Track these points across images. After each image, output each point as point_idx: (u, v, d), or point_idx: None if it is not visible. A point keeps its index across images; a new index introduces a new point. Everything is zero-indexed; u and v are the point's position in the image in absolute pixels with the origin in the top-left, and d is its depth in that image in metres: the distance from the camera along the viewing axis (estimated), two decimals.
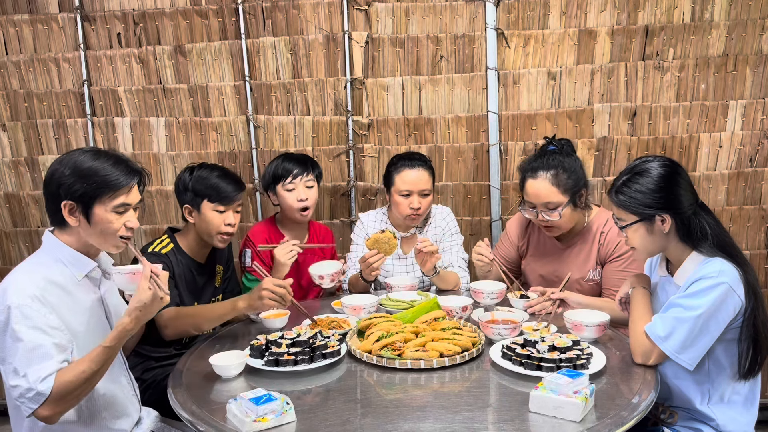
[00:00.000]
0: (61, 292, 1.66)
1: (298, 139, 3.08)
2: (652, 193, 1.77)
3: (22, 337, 1.56)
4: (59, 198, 1.66)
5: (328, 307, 2.37)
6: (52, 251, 1.71)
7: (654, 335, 1.74)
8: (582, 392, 1.50)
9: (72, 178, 1.65)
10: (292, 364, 1.76)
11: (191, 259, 2.38)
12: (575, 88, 2.96)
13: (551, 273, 2.43)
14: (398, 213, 2.60)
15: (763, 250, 2.98)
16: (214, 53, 3.04)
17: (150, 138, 3.11)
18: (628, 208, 1.81)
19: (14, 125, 3.11)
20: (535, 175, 2.27)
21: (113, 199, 1.69)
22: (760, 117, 2.90)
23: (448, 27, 2.99)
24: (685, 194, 1.79)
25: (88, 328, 1.73)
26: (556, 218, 2.25)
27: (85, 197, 1.66)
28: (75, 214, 1.68)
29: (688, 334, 1.70)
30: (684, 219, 1.78)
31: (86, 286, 1.75)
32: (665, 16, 2.90)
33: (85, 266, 1.74)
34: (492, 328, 1.93)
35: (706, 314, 1.69)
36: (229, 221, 2.34)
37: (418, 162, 2.59)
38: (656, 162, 1.81)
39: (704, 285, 1.71)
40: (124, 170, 1.71)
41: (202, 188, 2.31)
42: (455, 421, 1.49)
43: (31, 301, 1.58)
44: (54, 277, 1.66)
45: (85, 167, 1.67)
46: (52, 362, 1.57)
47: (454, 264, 2.63)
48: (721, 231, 1.81)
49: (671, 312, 1.74)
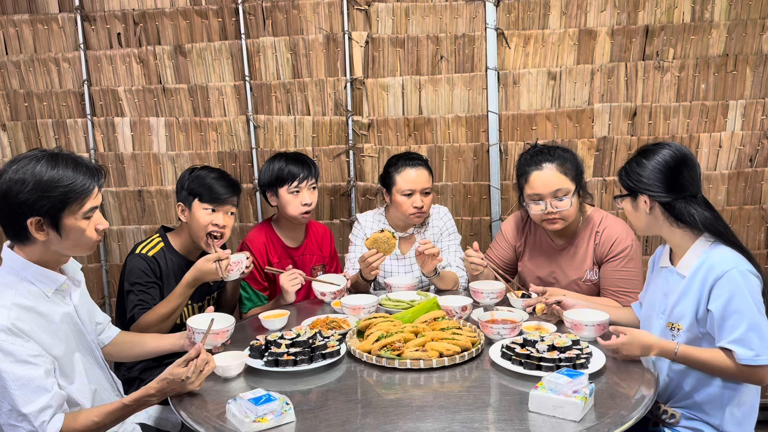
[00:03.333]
0: (34, 316, 1.59)
1: (298, 139, 3.08)
2: (644, 173, 1.85)
3: (10, 374, 1.51)
4: (23, 215, 1.55)
5: (328, 307, 2.38)
6: (16, 270, 1.62)
7: (748, 359, 1.70)
8: (581, 392, 1.50)
9: (35, 193, 1.54)
10: (291, 364, 1.76)
11: (182, 258, 2.38)
12: (575, 88, 2.96)
13: (548, 274, 2.43)
14: (401, 213, 2.60)
15: (763, 250, 2.97)
16: (214, 53, 3.04)
17: (150, 138, 3.11)
18: (622, 180, 1.92)
19: (14, 125, 3.11)
20: (540, 166, 2.27)
21: (82, 206, 1.60)
22: (760, 117, 2.90)
23: (448, 27, 2.99)
24: (679, 183, 1.81)
25: (67, 344, 1.69)
26: (566, 206, 2.24)
27: (53, 210, 1.56)
28: (43, 228, 1.58)
29: (765, 331, 1.70)
30: (669, 204, 1.82)
31: (56, 300, 1.68)
32: (665, 16, 2.90)
33: (54, 282, 1.66)
34: (491, 327, 1.93)
35: (754, 302, 1.70)
36: (217, 222, 2.32)
37: (418, 161, 2.60)
38: (665, 148, 1.86)
39: (728, 282, 1.71)
40: (85, 174, 1.61)
41: (196, 187, 2.32)
42: (455, 421, 1.49)
43: (5, 335, 1.51)
44: (23, 300, 1.58)
45: (47, 178, 1.55)
46: (48, 395, 1.55)
47: (452, 264, 2.63)
48: (716, 221, 1.81)
49: (738, 330, 1.71)
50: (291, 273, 2.40)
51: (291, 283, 2.38)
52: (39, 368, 1.55)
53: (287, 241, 2.67)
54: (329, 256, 2.78)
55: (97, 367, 1.84)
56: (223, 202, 2.33)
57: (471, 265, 2.36)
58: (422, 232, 2.69)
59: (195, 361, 1.64)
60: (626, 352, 1.77)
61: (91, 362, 1.80)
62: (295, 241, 2.69)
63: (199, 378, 1.64)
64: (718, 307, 1.72)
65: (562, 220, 2.28)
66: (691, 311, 1.79)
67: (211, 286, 2.46)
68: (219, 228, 2.33)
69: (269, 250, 2.62)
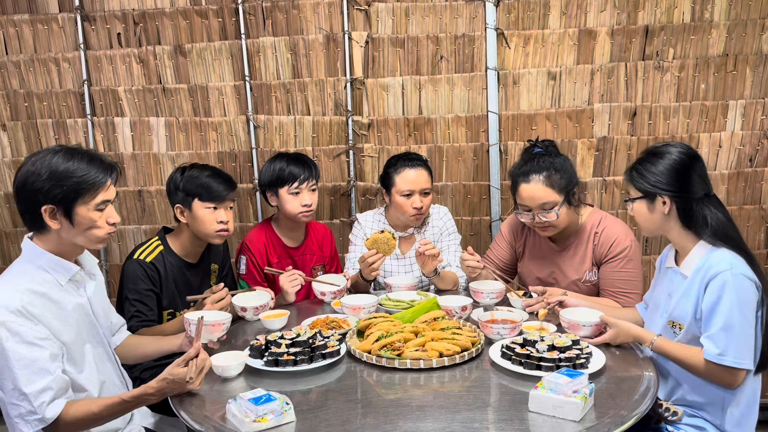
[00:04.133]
0: (45, 301, 1.65)
1: (298, 139, 3.08)
2: (660, 174, 1.85)
3: (15, 354, 1.56)
4: (38, 203, 1.64)
5: (328, 307, 2.38)
6: (33, 259, 1.70)
7: (711, 356, 1.73)
8: (581, 392, 1.50)
9: (50, 182, 1.63)
10: (291, 364, 1.76)
11: (183, 260, 2.38)
12: (575, 88, 2.96)
13: (548, 275, 2.43)
14: (401, 213, 2.60)
15: (763, 250, 2.98)
16: (214, 53, 3.04)
17: (150, 138, 3.11)
18: (636, 183, 1.90)
19: (14, 125, 3.11)
20: (527, 179, 2.27)
21: (94, 197, 1.67)
22: (760, 117, 2.90)
23: (448, 27, 2.99)
24: (692, 183, 1.83)
25: (78, 333, 1.73)
26: (553, 218, 2.25)
27: (66, 199, 1.64)
28: (56, 216, 1.66)
29: (739, 336, 1.71)
30: (686, 205, 1.83)
31: (70, 290, 1.74)
32: (665, 16, 2.90)
33: (68, 271, 1.72)
34: (491, 327, 1.93)
35: (738, 305, 1.71)
36: (221, 219, 2.33)
37: (418, 162, 2.60)
38: (675, 148, 1.88)
39: (719, 283, 1.73)
40: (100, 167, 1.69)
41: (193, 187, 2.31)
42: (455, 421, 1.49)
43: (15, 317, 1.57)
44: (36, 286, 1.65)
45: (62, 169, 1.64)
46: (50, 378, 1.58)
47: (452, 263, 2.63)
48: (727, 224, 1.83)
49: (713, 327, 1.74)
50: (290, 274, 2.40)
51: (291, 284, 2.38)
52: (44, 351, 1.59)
53: (287, 241, 2.67)
54: (329, 256, 2.79)
55: (108, 361, 1.86)
56: (223, 199, 2.34)
57: (468, 269, 2.37)
58: (422, 232, 2.69)
59: (195, 360, 1.64)
60: (616, 343, 1.91)
61: (101, 355, 1.83)
62: (295, 241, 2.69)
63: (199, 377, 1.65)
64: (707, 304, 1.75)
65: (552, 228, 2.30)
66: (690, 311, 1.81)
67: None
68: (224, 224, 2.33)
69: (269, 250, 2.62)
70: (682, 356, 1.81)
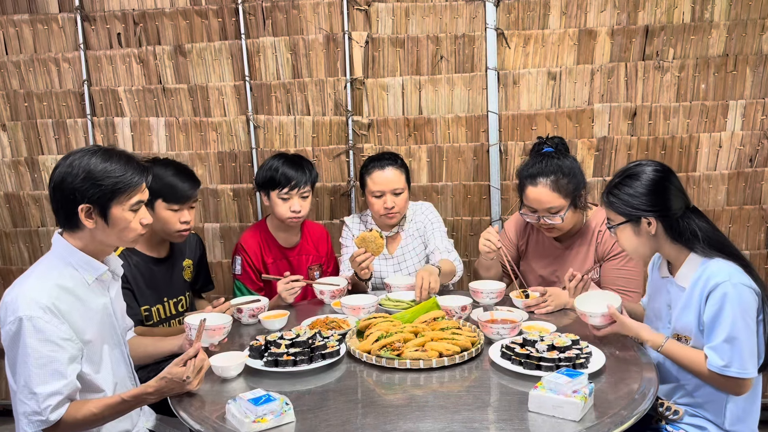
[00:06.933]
0: (72, 298, 1.67)
1: (298, 139, 3.08)
2: (640, 195, 1.81)
3: (34, 351, 1.57)
4: (75, 202, 1.65)
5: (327, 307, 2.38)
6: (64, 255, 1.71)
7: (716, 368, 1.72)
8: (581, 391, 1.50)
9: (87, 181, 1.65)
10: (291, 364, 1.76)
11: (147, 256, 2.31)
12: (575, 88, 2.96)
13: (551, 273, 2.43)
14: (373, 213, 2.63)
15: (763, 250, 2.97)
16: (214, 53, 3.04)
17: (150, 138, 3.11)
18: (616, 208, 1.85)
19: (14, 125, 3.11)
20: (534, 182, 2.26)
21: (130, 198, 1.69)
22: (760, 117, 2.90)
23: (448, 27, 2.99)
24: (674, 198, 1.81)
25: (100, 333, 1.74)
26: (558, 222, 2.25)
27: (102, 199, 1.66)
28: (92, 216, 1.67)
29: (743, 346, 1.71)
30: (671, 222, 1.81)
31: (96, 290, 1.75)
32: (665, 16, 2.90)
33: (96, 270, 1.73)
34: (491, 327, 1.93)
35: (741, 315, 1.70)
36: (184, 219, 2.26)
37: (388, 162, 2.59)
38: (648, 166, 1.85)
39: (719, 294, 1.72)
40: (135, 169, 1.71)
41: (157, 187, 2.16)
42: (455, 421, 1.49)
43: (42, 313, 1.58)
44: (65, 282, 1.66)
45: (99, 169, 1.66)
46: (63, 382, 1.59)
47: (439, 247, 2.60)
48: (715, 233, 1.83)
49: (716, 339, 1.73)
50: (288, 281, 2.37)
51: (288, 292, 2.37)
52: (64, 352, 1.60)
53: (282, 241, 2.66)
54: (326, 256, 2.78)
55: (123, 363, 1.87)
56: (187, 199, 2.27)
57: (484, 244, 2.32)
58: (406, 229, 2.70)
59: (193, 360, 1.64)
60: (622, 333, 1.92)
61: (117, 357, 1.84)
62: (290, 241, 2.68)
63: (198, 377, 1.65)
64: (709, 316, 1.74)
65: (557, 230, 2.30)
66: (693, 323, 1.81)
67: (188, 283, 2.43)
68: (187, 224, 2.27)
69: (264, 251, 2.61)
70: (689, 362, 1.79)
